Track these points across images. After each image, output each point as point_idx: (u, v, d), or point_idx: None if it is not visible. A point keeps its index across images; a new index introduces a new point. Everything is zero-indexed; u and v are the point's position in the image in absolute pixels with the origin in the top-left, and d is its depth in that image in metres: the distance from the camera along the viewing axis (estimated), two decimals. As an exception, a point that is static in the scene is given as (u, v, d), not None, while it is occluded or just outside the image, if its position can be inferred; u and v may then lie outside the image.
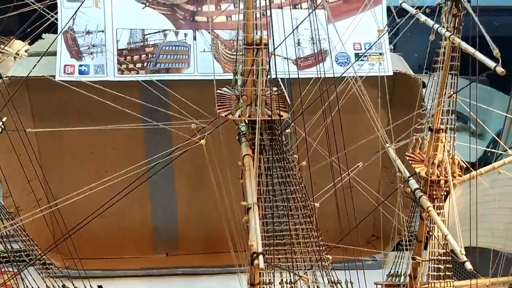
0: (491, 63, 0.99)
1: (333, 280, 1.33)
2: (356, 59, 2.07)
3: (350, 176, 1.65)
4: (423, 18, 1.26)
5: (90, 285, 1.87)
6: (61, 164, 2.37)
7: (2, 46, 3.14)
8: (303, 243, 1.28)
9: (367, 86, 1.78)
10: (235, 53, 2.10)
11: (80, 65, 2.00)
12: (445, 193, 1.34)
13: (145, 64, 2.03)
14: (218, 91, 1.31)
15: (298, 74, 1.40)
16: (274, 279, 1.54)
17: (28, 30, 2.25)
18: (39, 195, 2.38)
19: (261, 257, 0.87)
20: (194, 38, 2.07)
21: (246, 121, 1.25)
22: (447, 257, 1.33)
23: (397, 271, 1.64)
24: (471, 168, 1.35)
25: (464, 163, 1.31)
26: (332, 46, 2.06)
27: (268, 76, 1.20)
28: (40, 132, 2.18)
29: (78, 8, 1.86)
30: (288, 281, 1.53)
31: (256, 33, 1.20)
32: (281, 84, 1.29)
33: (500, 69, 0.98)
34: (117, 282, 2.26)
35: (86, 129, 1.89)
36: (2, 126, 1.60)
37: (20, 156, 2.13)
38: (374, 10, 2.21)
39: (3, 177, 1.88)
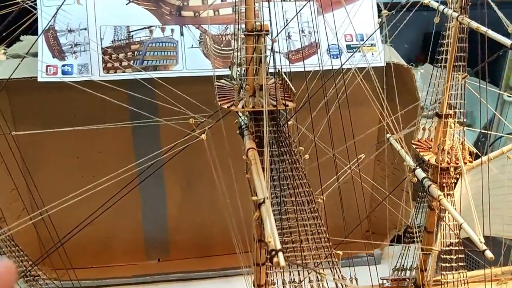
0: (506, 41, 0.95)
1: (341, 277, 1.27)
2: (360, 45, 2.01)
3: (352, 169, 1.60)
4: (426, 0, 1.21)
5: (84, 295, 1.78)
6: (45, 171, 2.27)
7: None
8: (312, 239, 1.22)
9: (364, 78, 1.74)
10: (224, 48, 2.04)
11: (63, 65, 1.91)
12: (455, 181, 1.30)
13: (131, 62, 1.95)
14: (216, 83, 1.24)
15: (326, 66, 1.33)
16: (277, 280, 1.47)
17: (4, 33, 2.16)
18: (23, 204, 2.29)
19: (281, 254, 0.81)
20: (182, 34, 1.99)
21: (248, 113, 1.19)
22: (459, 247, 1.29)
23: (403, 265, 1.60)
24: (479, 153, 1.31)
25: (473, 148, 1.27)
26: (325, 38, 2.02)
27: (270, 64, 1.14)
28: (22, 138, 2.08)
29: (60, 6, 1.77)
30: (292, 280, 1.47)
31: (256, 20, 1.13)
32: (283, 73, 1.23)
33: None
34: (110, 290, 2.17)
35: (74, 129, 1.79)
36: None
37: (1, 164, 2.04)
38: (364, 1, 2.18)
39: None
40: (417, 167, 1.33)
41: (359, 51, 2.12)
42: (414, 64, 3.63)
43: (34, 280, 1.77)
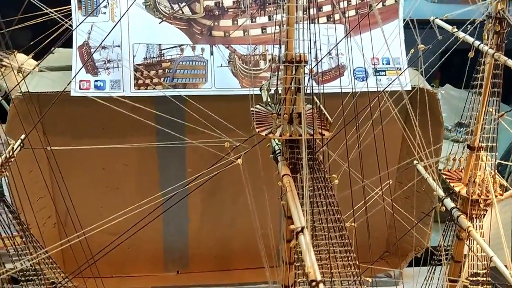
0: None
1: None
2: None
3: (378, 195, 1.62)
4: (461, 35, 1.24)
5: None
6: (71, 181, 2.31)
7: (6, 60, 3.09)
8: (341, 266, 1.24)
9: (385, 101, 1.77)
10: (252, 68, 2.08)
11: (96, 81, 1.96)
12: (484, 212, 1.32)
13: (162, 79, 1.99)
14: (252, 108, 1.28)
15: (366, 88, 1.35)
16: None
17: (33, 42, 2.21)
18: (49, 212, 2.34)
19: (322, 285, 0.83)
20: (211, 53, 2.04)
21: (283, 139, 1.22)
22: (488, 278, 1.30)
23: (427, 291, 1.61)
24: (510, 187, 1.32)
25: (504, 181, 1.29)
26: (351, 61, 2.04)
27: (306, 93, 1.17)
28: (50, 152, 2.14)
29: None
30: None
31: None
32: (318, 101, 1.26)
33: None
34: (129, 301, 2.20)
35: (101, 143, 1.83)
36: (22, 144, 1.55)
37: (31, 173, 2.09)
38: (390, 25, 2.20)
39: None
40: (446, 197, 1.35)
41: (385, 75, 2.15)
42: (434, 85, 3.65)
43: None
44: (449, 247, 1.50)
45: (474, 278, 1.30)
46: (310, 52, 1.11)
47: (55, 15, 2.45)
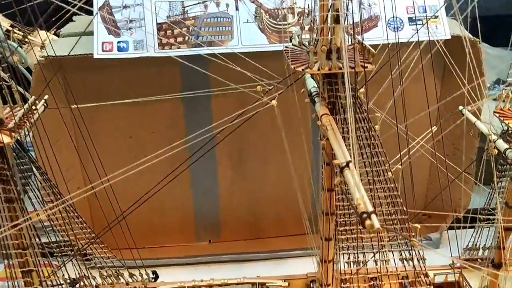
0: None
1: (421, 255, 1.20)
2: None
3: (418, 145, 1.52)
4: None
5: (146, 272, 1.78)
6: (99, 150, 2.27)
7: (29, 37, 3.05)
8: (387, 211, 1.15)
9: (423, 51, 1.66)
10: (280, 22, 1.98)
11: (119, 42, 1.89)
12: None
13: (186, 38, 1.91)
14: (285, 45, 1.18)
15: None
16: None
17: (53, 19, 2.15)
18: (77, 183, 2.30)
19: (374, 216, 0.75)
20: (237, 8, 1.94)
21: (321, 77, 1.13)
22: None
23: (475, 245, 1.51)
24: None
25: None
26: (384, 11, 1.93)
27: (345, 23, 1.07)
28: (77, 118, 2.09)
29: None
30: (355, 260, 1.41)
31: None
32: (355, 35, 1.16)
33: None
34: (162, 270, 2.15)
35: (128, 107, 1.76)
36: (45, 104, 1.50)
37: (57, 143, 2.04)
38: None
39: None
40: (500, 138, 1.24)
41: (421, 24, 2.02)
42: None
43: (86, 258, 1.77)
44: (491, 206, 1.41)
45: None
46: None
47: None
